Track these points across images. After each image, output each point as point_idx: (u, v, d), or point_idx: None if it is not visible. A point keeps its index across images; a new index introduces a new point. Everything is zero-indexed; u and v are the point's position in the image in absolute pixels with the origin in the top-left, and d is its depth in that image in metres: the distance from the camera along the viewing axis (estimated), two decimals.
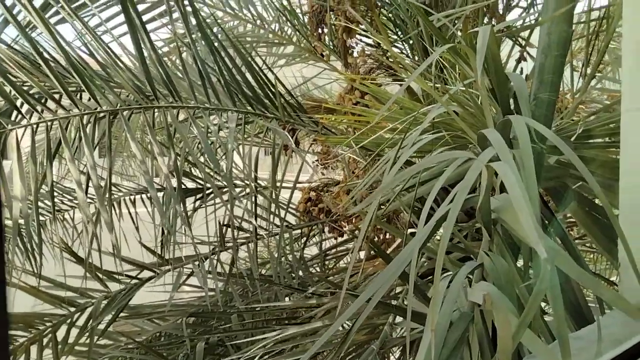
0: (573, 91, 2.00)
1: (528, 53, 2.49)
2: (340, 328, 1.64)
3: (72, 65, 1.83)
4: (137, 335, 2.37)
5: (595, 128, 1.35)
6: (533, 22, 2.24)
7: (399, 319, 1.57)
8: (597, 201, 1.30)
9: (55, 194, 2.56)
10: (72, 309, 2.15)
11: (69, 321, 2.13)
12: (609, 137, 1.29)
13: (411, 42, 2.58)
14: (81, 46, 1.97)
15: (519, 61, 2.54)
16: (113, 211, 2.49)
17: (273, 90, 2.12)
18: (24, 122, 1.82)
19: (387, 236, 2.23)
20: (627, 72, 0.86)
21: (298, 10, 2.91)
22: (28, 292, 2.08)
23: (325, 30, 2.54)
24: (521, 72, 2.19)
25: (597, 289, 0.66)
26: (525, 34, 2.45)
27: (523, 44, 2.48)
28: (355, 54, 2.51)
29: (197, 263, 2.16)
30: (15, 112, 1.86)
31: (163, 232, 2.55)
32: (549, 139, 1.23)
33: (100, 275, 2.15)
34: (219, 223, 2.21)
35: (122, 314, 2.18)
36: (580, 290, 1.06)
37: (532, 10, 2.41)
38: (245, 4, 3.04)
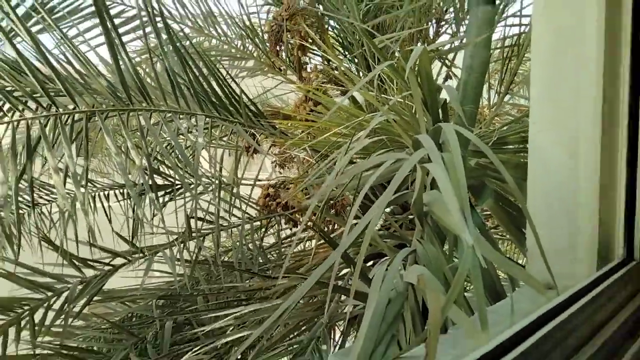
0: (490, 105, 2.07)
1: (453, 73, 2.56)
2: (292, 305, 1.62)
3: (53, 71, 1.73)
4: (110, 317, 2.27)
5: (508, 136, 1.40)
6: (458, 46, 2.30)
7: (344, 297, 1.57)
8: (508, 197, 1.34)
9: (34, 188, 2.42)
10: (49, 294, 2.03)
11: (46, 304, 2.02)
12: (520, 144, 1.34)
13: (356, 60, 2.60)
14: (59, 54, 1.87)
15: (445, 79, 2.60)
16: (88, 204, 2.38)
17: (237, 98, 2.09)
18: (6, 119, 1.70)
19: (335, 227, 2.23)
20: (534, 91, 0.88)
21: (259, 29, 2.88)
22: (7, 278, 1.95)
23: (283, 48, 2.51)
24: None
25: (510, 269, 0.67)
26: (451, 56, 2.52)
27: (449, 65, 2.55)
28: (308, 69, 2.51)
29: (166, 250, 2.09)
30: None
31: (134, 223, 2.46)
32: (469, 145, 1.26)
33: (76, 262, 2.04)
34: (187, 215, 2.14)
35: (96, 298, 2.08)
36: (495, 272, 1.09)
37: (457, 36, 2.47)
38: (211, 23, 2.98)
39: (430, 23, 2.49)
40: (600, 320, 0.64)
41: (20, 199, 2.22)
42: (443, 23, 2.53)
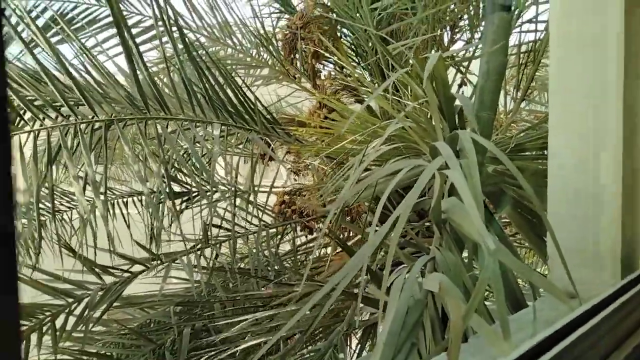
0: (506, 111, 2.06)
1: (468, 79, 2.54)
2: (308, 312, 1.62)
3: (73, 81, 1.77)
4: (129, 323, 2.29)
5: (525, 143, 1.39)
6: (473, 52, 2.29)
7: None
8: (527, 204, 1.32)
9: (55, 196, 2.46)
10: (70, 300, 2.06)
11: (67, 310, 2.05)
12: (537, 151, 1.33)
13: (370, 67, 2.60)
14: (78, 64, 1.91)
15: (460, 86, 2.58)
16: (107, 211, 2.42)
17: (252, 106, 2.10)
18: (27, 128, 1.74)
19: (351, 234, 2.23)
20: (552, 97, 0.88)
21: (273, 38, 2.90)
22: (29, 285, 1.99)
23: (297, 56, 2.53)
24: None
25: (531, 277, 0.67)
26: (465, 62, 2.51)
27: (464, 71, 2.53)
28: (322, 77, 2.52)
29: (184, 257, 2.11)
30: (18, 119, 1.78)
31: (152, 230, 2.49)
32: (487, 151, 1.25)
33: (96, 269, 2.07)
34: (204, 222, 2.16)
35: (115, 304, 2.10)
36: (515, 280, 1.08)
37: (471, 43, 2.46)
38: (227, 33, 3.01)
39: (444, 30, 2.48)
40: (626, 330, 0.63)
41: (41, 206, 2.26)
42: (457, 30, 2.52)
